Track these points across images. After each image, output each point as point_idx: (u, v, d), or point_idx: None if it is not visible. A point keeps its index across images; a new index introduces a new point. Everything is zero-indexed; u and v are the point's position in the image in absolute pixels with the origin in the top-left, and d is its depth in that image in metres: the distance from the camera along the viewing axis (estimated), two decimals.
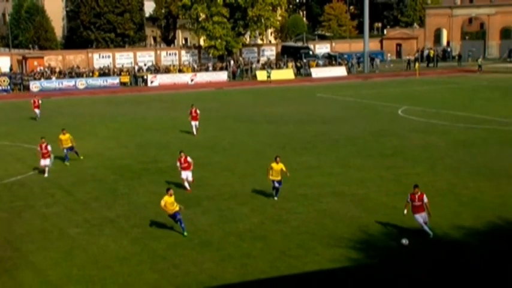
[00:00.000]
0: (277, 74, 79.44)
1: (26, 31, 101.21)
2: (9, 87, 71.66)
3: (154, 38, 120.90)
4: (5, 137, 40.65)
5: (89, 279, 17.79)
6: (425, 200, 19.97)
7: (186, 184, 26.56)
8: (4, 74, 74.97)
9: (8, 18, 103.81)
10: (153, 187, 27.51)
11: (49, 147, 30.10)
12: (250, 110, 51.59)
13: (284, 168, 24.52)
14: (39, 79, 74.12)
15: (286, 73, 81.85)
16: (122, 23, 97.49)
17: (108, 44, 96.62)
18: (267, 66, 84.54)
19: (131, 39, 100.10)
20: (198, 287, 17.25)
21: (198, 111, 39.66)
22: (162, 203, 21.13)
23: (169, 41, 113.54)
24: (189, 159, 26.48)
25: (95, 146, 37.20)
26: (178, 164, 26.68)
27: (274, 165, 24.47)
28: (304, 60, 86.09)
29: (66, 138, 32.39)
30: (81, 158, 33.17)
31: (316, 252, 19.39)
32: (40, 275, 18.22)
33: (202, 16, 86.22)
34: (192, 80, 77.95)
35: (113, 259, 19.25)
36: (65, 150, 32.29)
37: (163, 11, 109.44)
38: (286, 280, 17.66)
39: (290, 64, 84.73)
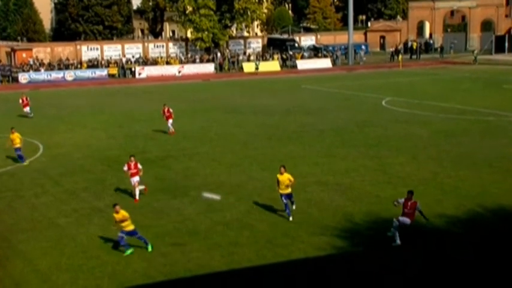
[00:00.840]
0: (264, 66, 79.34)
1: (14, 23, 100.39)
2: None
3: (142, 31, 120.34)
4: None
5: (78, 268, 17.73)
6: (419, 207, 18.80)
7: (137, 191, 24.15)
8: None
9: None
10: (141, 177, 27.39)
11: None
12: (237, 101, 51.51)
13: (291, 179, 21.37)
14: (28, 71, 73.65)
15: (272, 65, 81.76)
16: (110, 16, 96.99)
17: (96, 36, 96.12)
18: (256, 58, 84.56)
19: (119, 32, 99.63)
20: (185, 275, 17.24)
21: (170, 110, 36.93)
22: (113, 221, 19.04)
23: (156, 34, 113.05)
24: (138, 165, 24.14)
25: (84, 137, 37.03)
26: (125, 168, 24.29)
27: (279, 176, 21.37)
28: (290, 53, 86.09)
29: (14, 138, 30.16)
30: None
31: (301, 240, 19.41)
32: (30, 264, 18.14)
33: (189, 9, 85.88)
34: (179, 72, 77.67)
35: (101, 248, 19.19)
36: (16, 151, 30.34)
37: (150, 3, 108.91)
38: (272, 268, 17.68)
39: (276, 56, 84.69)
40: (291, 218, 21.23)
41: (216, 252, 18.66)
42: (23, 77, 71.52)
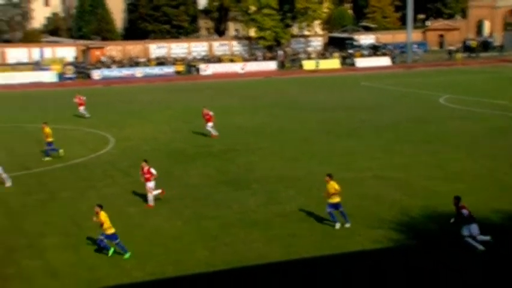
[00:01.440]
0: (324, 64, 79.09)
1: (89, 23, 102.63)
2: (74, 75, 73.01)
3: (208, 29, 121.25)
4: (69, 122, 41.38)
5: (145, 255, 18.03)
6: (463, 212, 17.66)
7: (150, 196, 22.93)
8: (70, 63, 76.41)
9: (73, 11, 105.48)
10: (205, 170, 27.72)
11: None
12: (297, 98, 51.43)
13: (336, 187, 19.70)
14: (101, 68, 75.31)
15: (332, 63, 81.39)
16: (177, 15, 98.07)
17: (164, 35, 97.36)
18: (317, 56, 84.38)
19: (185, 31, 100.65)
20: (247, 264, 17.33)
21: (210, 113, 34.80)
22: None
23: (221, 32, 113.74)
24: (152, 170, 22.82)
25: (151, 131, 37.59)
26: (141, 173, 23.29)
27: (327, 185, 19.88)
28: (351, 51, 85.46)
29: (46, 131, 30.25)
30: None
31: (358, 233, 19.26)
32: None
33: (253, 8, 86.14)
34: (242, 69, 78.05)
35: (166, 237, 19.45)
36: (47, 145, 30.39)
37: (216, 3, 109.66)
38: (329, 259, 17.61)
39: (336, 54, 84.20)
40: (337, 226, 19.76)
41: (275, 243, 18.70)
42: (96, 74, 73.21)
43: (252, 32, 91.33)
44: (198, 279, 16.76)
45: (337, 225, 19.75)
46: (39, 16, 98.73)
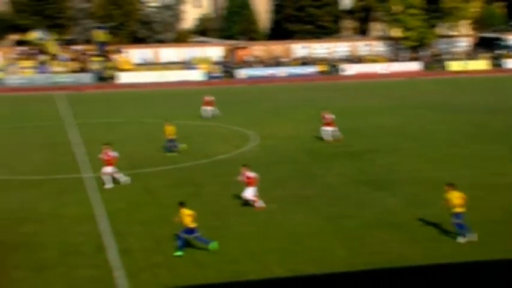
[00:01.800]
0: (471, 65, 76.31)
1: (236, 24, 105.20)
2: (221, 74, 75.29)
3: (352, 30, 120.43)
4: (215, 119, 42.60)
5: (283, 252, 18.23)
6: None
7: (250, 197, 22.35)
8: (218, 63, 78.89)
9: (222, 12, 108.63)
10: (344, 169, 27.58)
11: (113, 154, 25.96)
12: (440, 99, 49.87)
13: (462, 196, 18.67)
14: (245, 67, 77.10)
15: (480, 64, 78.28)
16: (321, 16, 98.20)
17: (306, 35, 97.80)
18: (464, 56, 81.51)
19: (329, 31, 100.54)
20: (386, 266, 17.02)
21: (327, 116, 33.61)
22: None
23: (364, 32, 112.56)
24: (248, 174, 22.46)
25: (292, 130, 37.90)
26: (242, 178, 22.87)
27: (447, 195, 18.89)
28: (499, 52, 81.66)
29: (167, 129, 31.81)
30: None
31: (504, 240, 18.37)
32: (242, 244, 18.94)
33: (398, 8, 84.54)
34: (385, 70, 76.84)
35: (305, 235, 19.55)
36: (167, 142, 31.84)
37: (360, 3, 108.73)
38: (472, 266, 16.87)
39: (485, 55, 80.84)
40: (459, 239, 18.54)
41: (415, 246, 18.28)
42: (241, 73, 75.03)
43: (396, 32, 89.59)
44: (337, 279, 16.64)
45: (461, 239, 18.55)
46: (190, 17, 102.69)
